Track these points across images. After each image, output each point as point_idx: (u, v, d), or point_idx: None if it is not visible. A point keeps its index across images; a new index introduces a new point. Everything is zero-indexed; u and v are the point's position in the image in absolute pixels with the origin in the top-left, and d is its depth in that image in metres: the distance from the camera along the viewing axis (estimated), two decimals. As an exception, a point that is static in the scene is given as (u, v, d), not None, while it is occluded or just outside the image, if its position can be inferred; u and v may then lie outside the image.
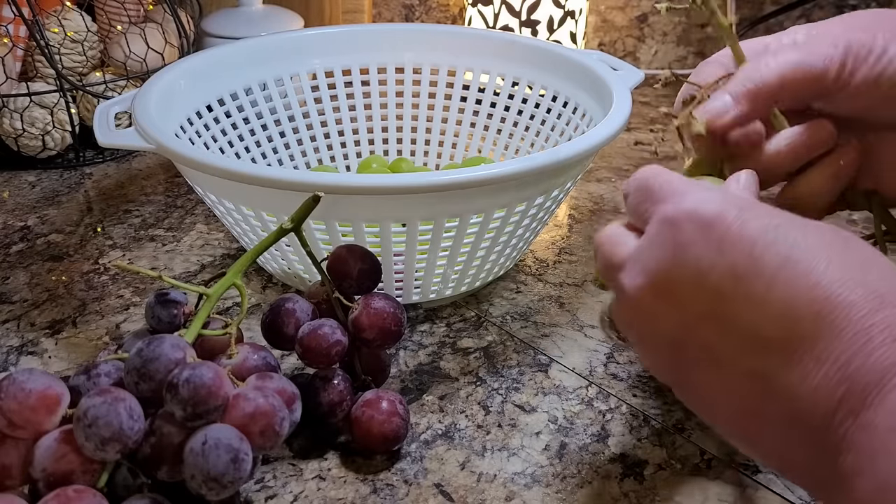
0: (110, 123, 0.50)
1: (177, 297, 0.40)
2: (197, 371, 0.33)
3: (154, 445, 0.33)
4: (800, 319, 0.26)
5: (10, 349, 0.50)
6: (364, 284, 0.43)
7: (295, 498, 0.40)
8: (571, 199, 0.69)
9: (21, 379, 0.33)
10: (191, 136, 0.56)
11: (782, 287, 0.26)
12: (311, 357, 0.41)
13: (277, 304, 0.42)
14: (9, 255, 0.60)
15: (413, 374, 0.48)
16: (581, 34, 0.90)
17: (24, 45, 0.71)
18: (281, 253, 0.51)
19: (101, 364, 0.36)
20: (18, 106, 0.69)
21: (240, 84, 0.62)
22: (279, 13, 0.83)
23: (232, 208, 0.48)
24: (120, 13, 0.74)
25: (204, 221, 0.65)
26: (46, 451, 0.32)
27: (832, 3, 0.96)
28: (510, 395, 0.46)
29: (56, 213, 0.66)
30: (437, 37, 0.66)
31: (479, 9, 0.89)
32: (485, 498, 0.39)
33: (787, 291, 0.26)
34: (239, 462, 0.33)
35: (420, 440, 0.43)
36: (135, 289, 0.56)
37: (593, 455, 0.42)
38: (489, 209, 0.46)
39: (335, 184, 0.42)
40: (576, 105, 0.59)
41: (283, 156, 0.64)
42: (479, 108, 0.66)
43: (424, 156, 0.68)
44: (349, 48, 0.65)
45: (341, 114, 0.67)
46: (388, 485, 0.40)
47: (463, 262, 0.50)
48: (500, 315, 0.53)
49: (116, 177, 0.72)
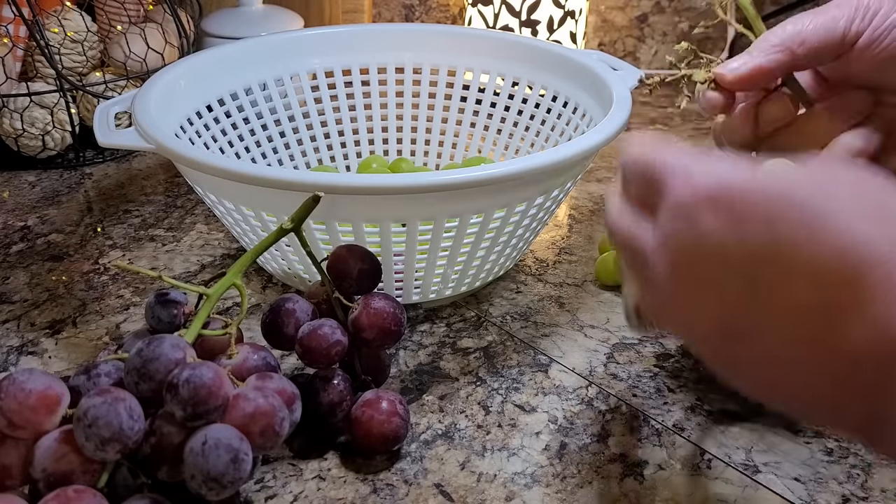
0: (110, 123, 0.50)
1: (177, 297, 0.40)
2: (197, 371, 0.33)
3: (154, 445, 0.33)
4: (831, 288, 0.26)
5: (10, 349, 0.50)
6: (364, 284, 0.43)
7: (295, 498, 0.40)
8: (571, 199, 0.69)
9: (21, 379, 0.33)
10: (191, 136, 0.56)
11: (807, 260, 0.26)
12: (311, 357, 0.41)
13: (277, 304, 0.42)
14: (9, 255, 0.60)
15: (413, 374, 0.48)
16: (581, 34, 0.90)
17: (24, 45, 0.71)
18: (281, 253, 0.51)
19: (101, 364, 0.36)
20: (18, 106, 0.69)
21: (240, 84, 0.62)
22: (279, 13, 0.83)
23: (232, 208, 0.48)
24: (120, 13, 0.74)
25: (204, 221, 0.65)
26: (46, 451, 0.32)
27: (832, 3, 0.96)
28: (510, 395, 0.46)
29: (56, 213, 0.66)
30: (437, 37, 0.66)
31: (479, 9, 0.89)
32: (485, 498, 0.39)
33: (813, 263, 0.26)
34: (239, 462, 0.33)
35: (420, 440, 0.43)
36: (135, 289, 0.56)
37: (593, 455, 0.42)
38: (489, 209, 0.46)
39: (335, 184, 0.42)
40: (576, 105, 0.59)
41: (283, 156, 0.64)
42: (479, 108, 0.66)
43: (424, 156, 0.68)
44: (349, 48, 0.65)
45: (341, 114, 0.67)
46: (388, 485, 0.40)
47: (463, 262, 0.50)
48: (500, 315, 0.53)
49: (116, 177, 0.72)
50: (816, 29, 0.41)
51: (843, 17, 0.40)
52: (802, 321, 0.27)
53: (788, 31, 0.41)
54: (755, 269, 0.28)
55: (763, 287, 0.28)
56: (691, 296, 0.30)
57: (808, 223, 0.26)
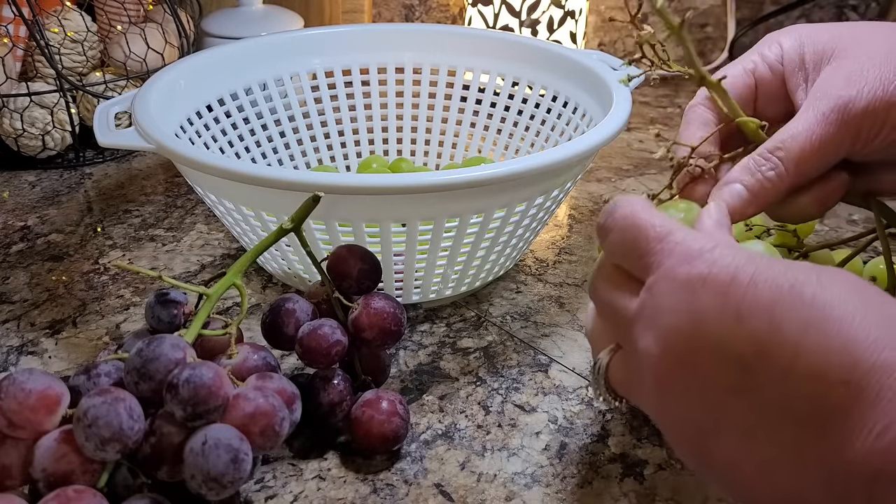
0: (110, 123, 0.50)
1: (177, 297, 0.40)
2: (197, 371, 0.33)
3: (154, 445, 0.33)
4: (830, 389, 0.24)
5: (10, 349, 0.50)
6: (364, 284, 0.43)
7: (295, 498, 0.40)
8: (571, 199, 0.69)
9: (21, 379, 0.33)
10: (191, 136, 0.56)
11: (807, 355, 0.25)
12: (311, 357, 0.41)
13: (277, 304, 0.42)
14: (9, 255, 0.60)
15: (413, 374, 0.48)
16: (581, 34, 0.90)
17: (24, 45, 0.71)
18: (281, 253, 0.51)
19: (101, 364, 0.36)
20: (18, 106, 0.69)
21: (240, 84, 0.62)
22: (279, 13, 0.83)
23: (232, 208, 0.48)
24: (120, 13, 0.74)
25: (204, 221, 0.65)
26: (46, 451, 0.32)
27: (832, 3, 0.96)
28: (510, 395, 0.46)
29: (56, 213, 0.66)
30: (437, 37, 0.66)
31: (479, 9, 0.89)
32: (485, 498, 0.39)
33: (813, 359, 0.25)
34: (239, 462, 0.33)
35: (420, 440, 0.43)
36: (135, 289, 0.56)
37: (593, 455, 0.42)
38: (489, 209, 0.46)
39: (335, 184, 0.42)
40: (576, 105, 0.59)
41: (283, 156, 0.64)
42: (479, 108, 0.66)
43: (424, 156, 0.68)
44: (349, 48, 0.65)
45: (341, 114, 0.67)
46: (388, 485, 0.40)
47: (463, 262, 0.50)
48: (500, 315, 0.53)
49: (116, 177, 0.72)
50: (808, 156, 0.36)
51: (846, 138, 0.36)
52: (795, 421, 0.25)
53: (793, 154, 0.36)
54: (753, 360, 0.26)
55: (758, 380, 0.26)
56: (674, 379, 0.29)
57: (818, 322, 0.25)
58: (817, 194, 0.38)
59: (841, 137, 0.35)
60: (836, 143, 0.35)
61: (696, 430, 0.29)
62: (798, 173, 0.36)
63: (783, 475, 0.26)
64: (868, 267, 0.44)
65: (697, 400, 0.28)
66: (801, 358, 0.25)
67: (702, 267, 0.28)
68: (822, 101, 0.36)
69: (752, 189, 0.36)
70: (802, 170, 0.36)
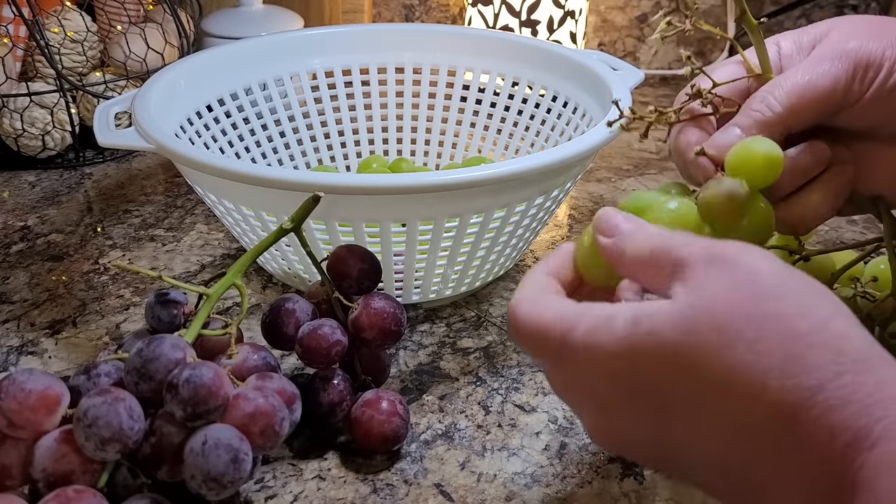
0: (110, 123, 0.50)
1: (177, 297, 0.40)
2: (197, 371, 0.33)
3: (154, 445, 0.33)
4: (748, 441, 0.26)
5: (10, 349, 0.50)
6: (364, 284, 0.43)
7: (295, 498, 0.40)
8: (571, 199, 0.69)
9: (21, 379, 0.33)
10: (191, 136, 0.56)
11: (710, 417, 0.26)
12: (311, 357, 0.41)
13: (277, 304, 0.42)
14: (9, 255, 0.60)
15: (413, 374, 0.48)
16: (581, 34, 0.90)
17: (24, 45, 0.71)
18: (281, 253, 0.51)
19: (101, 364, 0.36)
20: (18, 106, 0.69)
21: (240, 84, 0.62)
22: (279, 13, 0.83)
23: (232, 208, 0.48)
24: (120, 13, 0.74)
25: (204, 221, 0.65)
26: (46, 451, 0.32)
27: (832, 3, 0.96)
28: (510, 395, 0.46)
29: (56, 213, 0.66)
30: (437, 37, 0.66)
31: (479, 9, 0.89)
32: (485, 498, 0.39)
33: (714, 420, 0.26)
34: (239, 462, 0.33)
35: (420, 440, 0.43)
36: (135, 289, 0.56)
37: (593, 455, 0.42)
38: (489, 209, 0.46)
39: (335, 184, 0.42)
40: (576, 105, 0.59)
41: (283, 156, 0.64)
42: (479, 108, 0.66)
43: (424, 156, 0.68)
44: (349, 48, 0.65)
45: (341, 114, 0.67)
46: (388, 485, 0.40)
47: (463, 262, 0.50)
48: (500, 315, 0.53)
49: (116, 177, 0.72)
50: (804, 98, 0.36)
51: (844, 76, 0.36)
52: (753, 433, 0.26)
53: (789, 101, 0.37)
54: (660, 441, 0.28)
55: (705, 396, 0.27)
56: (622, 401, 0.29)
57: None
58: (825, 189, 0.38)
59: (835, 72, 0.36)
60: (830, 77, 0.36)
61: (652, 443, 0.30)
62: (792, 112, 0.36)
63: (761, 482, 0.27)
64: (869, 267, 0.44)
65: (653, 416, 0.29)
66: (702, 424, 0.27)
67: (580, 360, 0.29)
68: (815, 51, 0.37)
69: (747, 128, 0.37)
70: (796, 106, 0.36)
